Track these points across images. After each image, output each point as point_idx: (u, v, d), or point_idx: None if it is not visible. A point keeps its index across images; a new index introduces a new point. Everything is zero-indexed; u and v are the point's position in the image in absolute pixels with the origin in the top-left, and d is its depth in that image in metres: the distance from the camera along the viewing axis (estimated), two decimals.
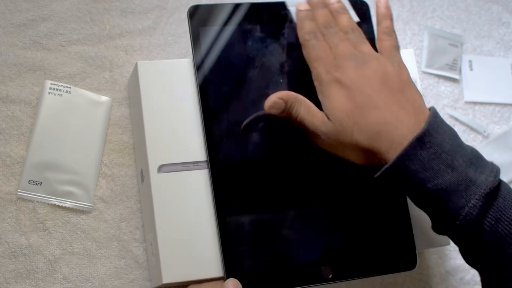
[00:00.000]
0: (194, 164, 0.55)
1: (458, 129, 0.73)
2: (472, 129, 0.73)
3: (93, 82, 0.61)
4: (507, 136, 0.74)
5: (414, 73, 0.65)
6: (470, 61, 0.76)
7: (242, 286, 0.51)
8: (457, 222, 0.46)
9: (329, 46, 0.54)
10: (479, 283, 0.68)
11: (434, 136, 0.47)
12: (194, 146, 0.55)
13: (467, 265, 0.68)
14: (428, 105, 0.72)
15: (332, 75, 0.52)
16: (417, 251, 0.57)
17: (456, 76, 0.75)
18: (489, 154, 0.73)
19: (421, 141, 0.47)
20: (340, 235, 0.55)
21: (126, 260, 0.58)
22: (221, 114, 0.56)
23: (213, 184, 0.54)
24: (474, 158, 0.48)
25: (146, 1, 0.66)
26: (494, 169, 0.48)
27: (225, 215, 0.53)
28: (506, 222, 0.46)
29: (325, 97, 0.52)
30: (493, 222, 0.46)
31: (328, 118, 0.51)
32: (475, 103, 0.75)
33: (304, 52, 0.55)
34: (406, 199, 0.58)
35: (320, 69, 0.53)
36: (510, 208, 0.46)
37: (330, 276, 0.54)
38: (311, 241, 0.55)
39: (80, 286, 0.56)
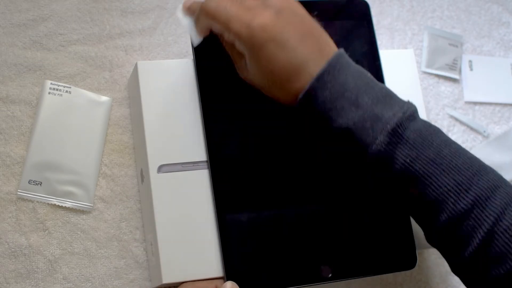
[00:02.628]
0: (194, 164, 0.55)
1: (458, 129, 0.73)
2: (472, 129, 0.73)
3: (93, 82, 0.61)
4: (507, 136, 0.74)
5: (414, 73, 0.65)
6: (470, 61, 0.76)
7: (242, 285, 0.51)
8: (367, 160, 0.46)
9: (237, 4, 0.49)
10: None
11: (336, 76, 0.47)
12: (194, 146, 0.55)
13: None
14: (428, 105, 0.72)
15: (251, 24, 0.47)
16: (417, 251, 0.57)
17: (456, 76, 0.75)
18: (489, 154, 0.73)
19: (321, 81, 0.47)
20: (339, 234, 0.55)
21: (126, 260, 0.58)
22: (221, 114, 0.56)
23: (212, 183, 0.54)
24: (383, 96, 0.47)
25: (146, 1, 0.66)
26: (406, 106, 0.47)
27: (224, 215, 0.53)
28: (422, 161, 0.45)
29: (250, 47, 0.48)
30: (407, 160, 0.45)
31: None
32: (475, 103, 0.75)
33: (212, 18, 0.49)
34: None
35: (238, 29, 0.47)
36: (427, 147, 0.46)
37: (330, 275, 0.54)
38: (310, 240, 0.55)
39: (80, 286, 0.56)
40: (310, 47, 0.48)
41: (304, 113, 0.48)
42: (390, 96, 0.48)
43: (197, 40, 0.53)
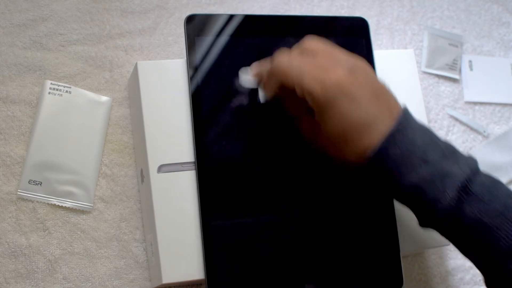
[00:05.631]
0: (194, 164, 0.55)
1: (458, 129, 0.73)
2: (472, 129, 0.73)
3: (93, 82, 0.62)
4: (507, 136, 0.74)
5: (414, 73, 0.65)
6: (470, 61, 0.76)
7: None
8: (437, 215, 0.47)
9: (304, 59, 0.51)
10: (479, 283, 0.68)
11: (405, 134, 0.48)
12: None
13: (467, 265, 0.68)
14: (428, 105, 0.72)
15: (325, 81, 0.49)
16: (417, 251, 0.57)
17: (456, 76, 0.75)
18: (489, 154, 0.73)
19: (392, 139, 0.48)
20: (325, 252, 0.55)
21: (126, 260, 0.58)
22: (211, 125, 0.55)
23: (199, 192, 0.53)
24: (449, 152, 0.49)
25: (146, 1, 0.66)
26: (469, 161, 0.49)
27: (209, 222, 0.53)
28: (491, 214, 0.46)
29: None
30: (478, 215, 0.46)
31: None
32: (475, 103, 0.75)
33: (284, 76, 0.50)
34: (394, 215, 0.58)
35: (311, 86, 0.49)
36: (494, 200, 0.47)
37: None
38: (295, 258, 0.54)
39: (80, 286, 0.56)
40: (380, 106, 0.49)
41: (372, 170, 0.49)
42: (455, 152, 0.49)
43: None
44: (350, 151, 0.49)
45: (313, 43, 0.52)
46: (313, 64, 0.50)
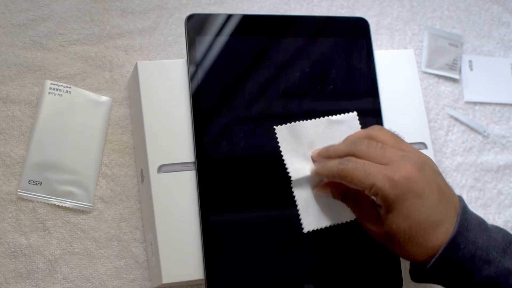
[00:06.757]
0: (194, 164, 0.55)
1: (458, 129, 0.73)
2: (472, 129, 0.73)
3: (93, 82, 0.62)
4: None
5: (414, 73, 0.65)
6: (470, 61, 0.76)
7: None
8: None
9: (371, 159, 0.50)
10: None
11: (466, 235, 0.47)
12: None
13: None
14: (428, 105, 0.72)
15: (394, 177, 0.47)
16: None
17: (456, 76, 0.75)
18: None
19: (454, 243, 0.47)
20: (325, 253, 0.55)
21: (126, 260, 0.58)
22: (211, 125, 0.55)
23: (199, 190, 0.54)
24: (507, 246, 0.48)
25: (146, 1, 0.66)
26: None
27: (209, 223, 0.53)
28: None
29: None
30: None
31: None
32: (475, 103, 0.75)
33: (350, 180, 0.49)
34: None
35: (381, 184, 0.47)
36: None
37: None
38: (294, 257, 0.54)
39: (80, 286, 0.56)
40: (446, 204, 0.48)
41: (437, 269, 0.48)
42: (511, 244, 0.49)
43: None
44: (416, 251, 0.48)
45: (381, 134, 0.51)
46: (381, 160, 0.49)
